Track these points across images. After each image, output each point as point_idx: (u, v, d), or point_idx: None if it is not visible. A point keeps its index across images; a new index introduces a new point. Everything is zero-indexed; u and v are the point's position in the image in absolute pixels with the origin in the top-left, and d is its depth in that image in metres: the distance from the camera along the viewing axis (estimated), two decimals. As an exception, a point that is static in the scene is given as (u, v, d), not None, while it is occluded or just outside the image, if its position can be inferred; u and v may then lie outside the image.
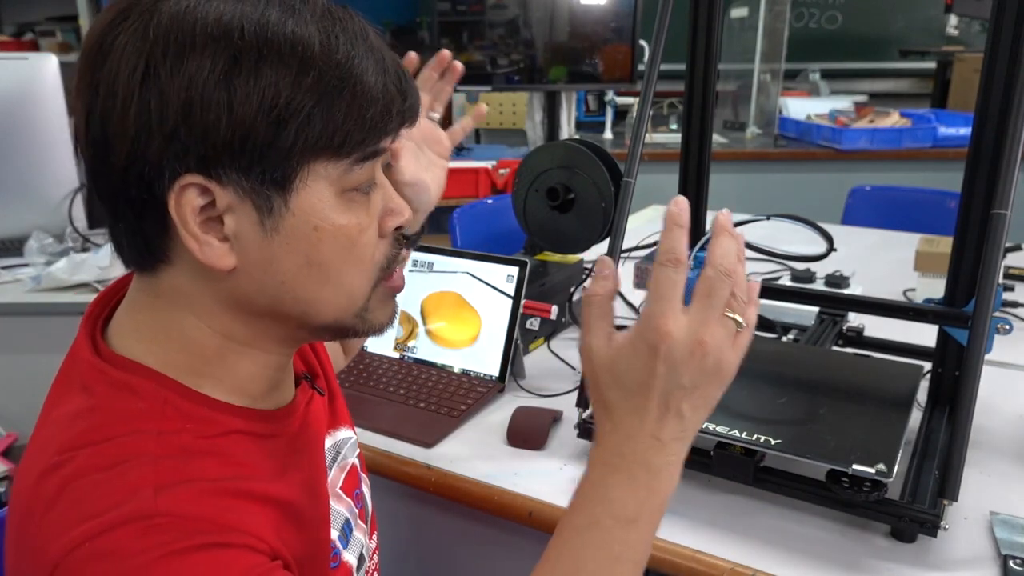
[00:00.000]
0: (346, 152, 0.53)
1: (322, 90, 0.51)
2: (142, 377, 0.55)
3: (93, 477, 0.49)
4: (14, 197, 1.88)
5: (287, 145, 0.50)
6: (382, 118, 0.54)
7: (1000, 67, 0.88)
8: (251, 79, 0.49)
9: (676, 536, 0.83)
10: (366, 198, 0.57)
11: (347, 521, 0.69)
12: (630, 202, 1.01)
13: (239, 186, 0.51)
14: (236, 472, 0.55)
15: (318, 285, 0.55)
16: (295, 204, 0.53)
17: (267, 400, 0.62)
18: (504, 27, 2.84)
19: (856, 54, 4.37)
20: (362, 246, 0.56)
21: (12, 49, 3.65)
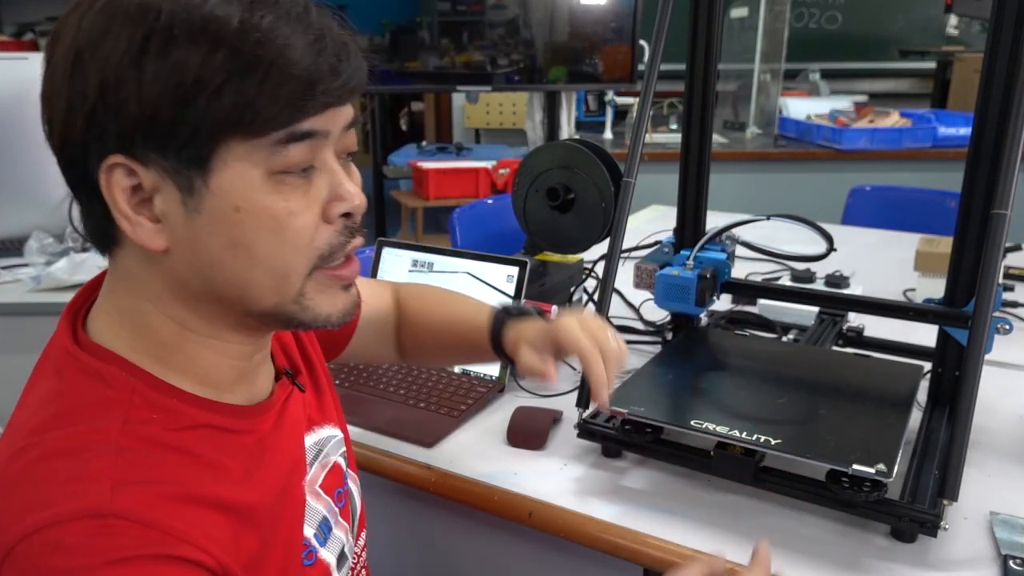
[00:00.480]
0: (262, 131, 0.51)
1: (232, 67, 0.49)
2: (112, 365, 0.56)
3: (54, 462, 0.50)
4: (14, 197, 1.88)
5: (195, 123, 0.50)
6: (301, 96, 0.51)
7: (1000, 67, 0.88)
8: (160, 58, 0.49)
9: (676, 536, 0.83)
10: (303, 181, 0.55)
11: (325, 519, 0.69)
12: (630, 202, 1.01)
13: (160, 166, 0.51)
14: (199, 473, 0.55)
15: (246, 267, 0.55)
16: (215, 184, 0.52)
17: (236, 393, 0.62)
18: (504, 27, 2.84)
19: (856, 54, 4.37)
20: (294, 230, 0.54)
21: (12, 49, 3.65)
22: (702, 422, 0.89)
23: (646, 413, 0.92)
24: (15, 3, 3.93)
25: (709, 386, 1.02)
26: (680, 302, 1.10)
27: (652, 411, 0.92)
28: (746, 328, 1.35)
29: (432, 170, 3.15)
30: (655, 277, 1.12)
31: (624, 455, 0.99)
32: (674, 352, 1.14)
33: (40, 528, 0.47)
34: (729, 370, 1.09)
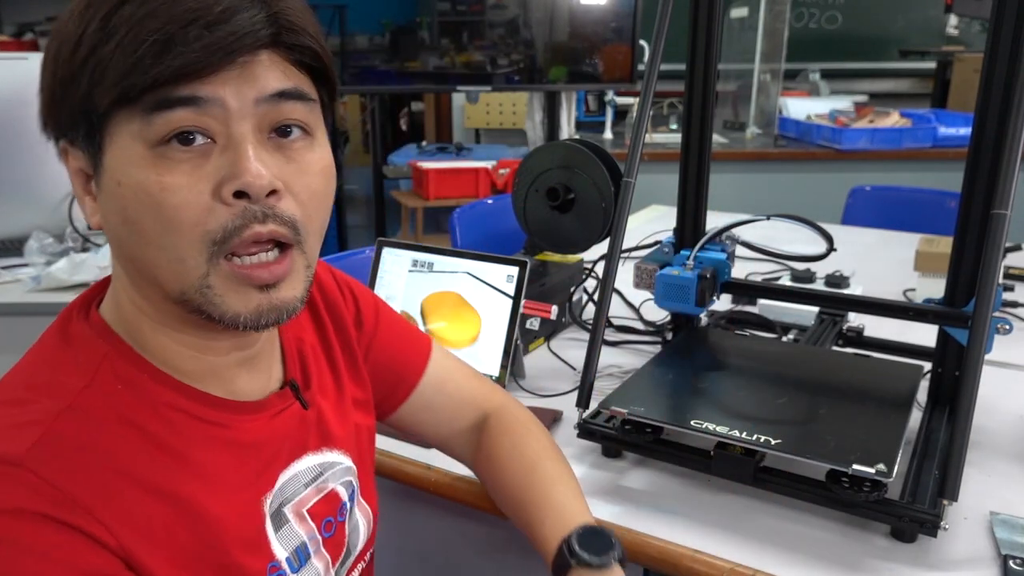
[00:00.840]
0: (131, 99, 0.50)
1: (98, 37, 0.50)
2: (95, 332, 0.58)
3: (3, 408, 0.53)
4: (14, 197, 1.88)
5: (76, 98, 0.51)
6: (158, 55, 0.49)
7: (1000, 67, 0.88)
8: (52, 48, 0.52)
9: (676, 536, 0.83)
10: (193, 156, 0.52)
11: (304, 545, 0.66)
12: (630, 202, 1.01)
13: (77, 147, 0.54)
14: (147, 454, 0.55)
15: (140, 246, 0.53)
16: (106, 160, 0.53)
17: (215, 383, 0.61)
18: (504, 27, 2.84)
19: (856, 54, 4.37)
20: (171, 207, 0.51)
21: (12, 49, 3.64)
22: (702, 422, 0.89)
23: (646, 413, 0.92)
24: (15, 3, 3.93)
25: (709, 386, 1.02)
26: (680, 302, 1.10)
27: (652, 411, 0.92)
28: (746, 328, 1.35)
29: (432, 170, 3.15)
30: (655, 277, 1.12)
31: (624, 455, 0.99)
32: (674, 352, 1.14)
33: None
34: (729, 370, 1.09)
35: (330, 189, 0.59)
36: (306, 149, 0.56)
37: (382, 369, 0.82)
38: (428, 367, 0.85)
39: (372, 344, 0.81)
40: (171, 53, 0.49)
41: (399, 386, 0.84)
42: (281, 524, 0.64)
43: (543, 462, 0.81)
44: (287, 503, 0.65)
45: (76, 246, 1.81)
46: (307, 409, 0.69)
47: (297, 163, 0.56)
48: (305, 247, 0.57)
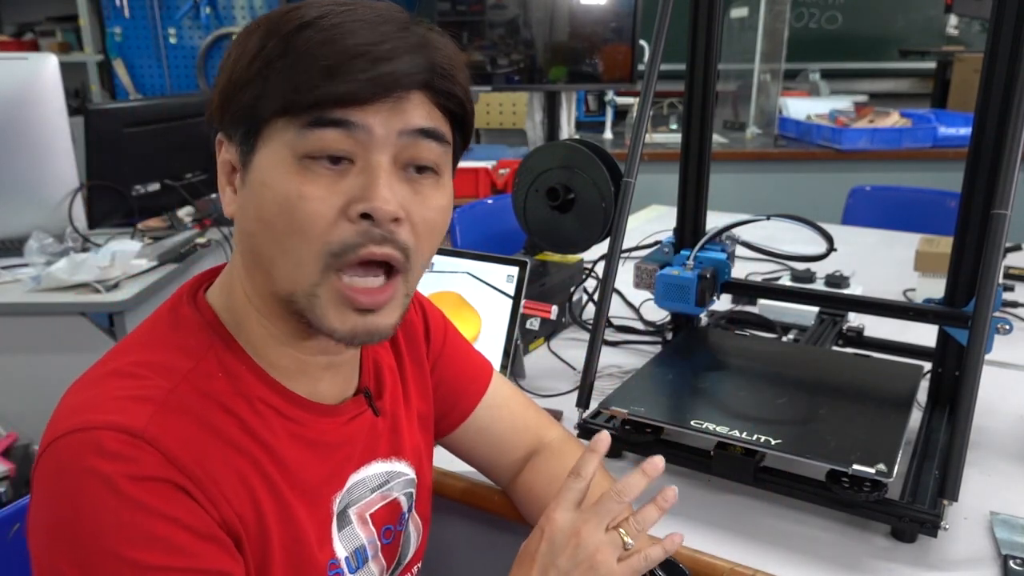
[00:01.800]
0: (295, 111, 0.55)
1: (277, 53, 0.56)
2: (203, 318, 0.62)
3: (117, 380, 0.57)
4: (14, 197, 1.88)
5: (247, 101, 0.57)
6: (328, 79, 0.54)
7: (1000, 67, 0.88)
8: (234, 50, 0.58)
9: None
10: (332, 173, 0.56)
11: (363, 547, 0.70)
12: (630, 202, 1.01)
13: (233, 142, 0.60)
14: (240, 435, 0.59)
15: (267, 243, 0.58)
16: (256, 160, 0.58)
17: (298, 384, 0.65)
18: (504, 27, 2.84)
19: (856, 54, 4.36)
20: (304, 215, 0.56)
21: (12, 49, 3.65)
22: (702, 422, 0.89)
23: (646, 413, 0.92)
24: (15, 3, 3.93)
25: (709, 386, 1.02)
26: (680, 302, 1.10)
27: (652, 411, 0.92)
28: (746, 328, 1.35)
29: (432, 170, 3.13)
30: (655, 277, 1.12)
31: (624, 455, 0.99)
32: (674, 352, 1.14)
33: (84, 428, 0.53)
34: (729, 370, 1.09)
35: (445, 228, 0.64)
36: (432, 187, 0.61)
37: (445, 387, 0.83)
38: (488, 391, 0.86)
39: (439, 360, 0.83)
40: (336, 80, 0.55)
41: (457, 406, 0.85)
42: (344, 524, 0.68)
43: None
44: (352, 505, 0.69)
45: (76, 246, 1.81)
46: (378, 417, 0.72)
47: (422, 197, 0.60)
48: (409, 276, 0.61)
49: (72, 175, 1.91)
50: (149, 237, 1.98)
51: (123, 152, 1.92)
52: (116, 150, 1.90)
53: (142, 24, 3.66)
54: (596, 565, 0.62)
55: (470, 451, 0.87)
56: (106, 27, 3.65)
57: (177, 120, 2.07)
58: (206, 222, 2.13)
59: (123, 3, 3.61)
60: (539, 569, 0.63)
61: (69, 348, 1.66)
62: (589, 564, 0.62)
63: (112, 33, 3.65)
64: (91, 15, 3.64)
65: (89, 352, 1.66)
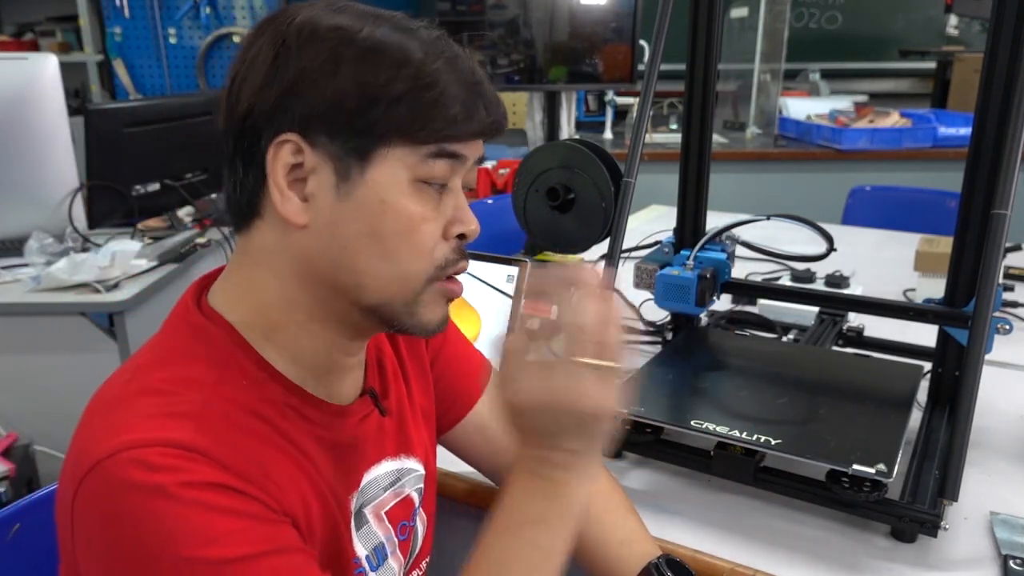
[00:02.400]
0: (423, 140, 0.59)
1: (413, 83, 0.58)
2: (220, 328, 0.62)
3: (149, 398, 0.56)
4: (14, 197, 1.88)
5: (374, 120, 0.58)
6: (463, 119, 0.59)
7: (1000, 67, 0.88)
8: (357, 64, 0.58)
9: (676, 536, 0.83)
10: (437, 197, 0.61)
11: (381, 545, 0.71)
12: (630, 202, 1.01)
13: (326, 150, 0.58)
14: (274, 439, 0.60)
15: (376, 258, 0.60)
16: (370, 176, 0.59)
17: (320, 386, 0.66)
18: (504, 27, 2.83)
19: (856, 54, 4.36)
20: (422, 234, 0.61)
21: (12, 49, 3.65)
22: (702, 422, 0.89)
23: (646, 413, 0.92)
24: (15, 3, 3.93)
25: (709, 386, 1.02)
26: (680, 302, 1.10)
27: (652, 411, 0.92)
28: (746, 328, 1.35)
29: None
30: (655, 277, 1.12)
31: (624, 455, 0.99)
32: (674, 352, 1.14)
33: (127, 447, 0.52)
34: (729, 370, 1.09)
35: None
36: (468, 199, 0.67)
37: (444, 383, 0.84)
38: (487, 389, 0.86)
39: (439, 355, 0.84)
40: (469, 123, 0.60)
41: (457, 403, 0.85)
42: (362, 524, 0.69)
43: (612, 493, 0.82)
44: (367, 504, 0.70)
45: (76, 246, 1.81)
46: (385, 415, 0.73)
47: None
48: None
49: (72, 175, 1.91)
50: (149, 237, 1.98)
51: (123, 152, 1.92)
52: (116, 150, 1.90)
53: (142, 24, 3.66)
54: (582, 405, 0.57)
55: (469, 449, 0.87)
56: (106, 27, 3.65)
57: (177, 120, 2.07)
58: (206, 222, 2.13)
59: (123, 3, 3.61)
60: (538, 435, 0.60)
61: (69, 348, 1.66)
62: (574, 409, 0.58)
63: (112, 33, 3.65)
64: (91, 15, 3.64)
65: (89, 352, 1.66)
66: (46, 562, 0.85)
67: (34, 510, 0.84)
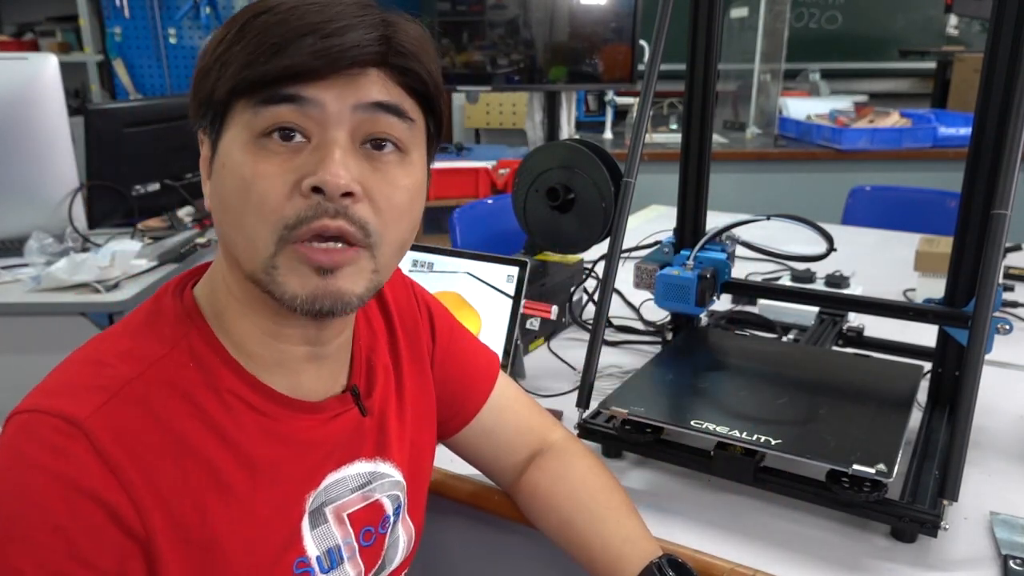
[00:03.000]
0: (249, 91, 0.55)
1: (233, 38, 0.56)
2: (183, 309, 0.62)
3: (83, 367, 0.58)
4: (14, 197, 1.88)
5: (209, 88, 0.57)
6: (277, 52, 0.54)
7: (1000, 67, 0.88)
8: (205, 42, 0.59)
9: (676, 536, 0.83)
10: (286, 150, 0.56)
11: (337, 548, 0.67)
12: (630, 202, 1.01)
13: (205, 132, 0.60)
14: (200, 432, 0.58)
15: (227, 224, 0.58)
16: (220, 145, 0.58)
17: (276, 377, 0.64)
18: (504, 27, 2.84)
19: (856, 54, 4.37)
20: (257, 192, 0.56)
21: (12, 49, 3.65)
22: (702, 422, 0.89)
23: (646, 413, 0.92)
24: (15, 3, 3.93)
25: (709, 386, 1.02)
26: (680, 302, 1.10)
27: (652, 411, 0.92)
28: (746, 328, 1.35)
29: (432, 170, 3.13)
30: (655, 277, 1.12)
31: (624, 455, 0.99)
32: (674, 352, 1.14)
33: (29, 409, 0.54)
34: (729, 370, 1.09)
35: (415, 207, 0.62)
36: (396, 164, 0.60)
37: (449, 387, 0.82)
38: (493, 393, 0.85)
39: (445, 359, 0.82)
40: (283, 56, 0.54)
41: (463, 409, 0.84)
42: (318, 523, 0.66)
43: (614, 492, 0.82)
44: (329, 503, 0.67)
45: (76, 246, 1.81)
46: (365, 416, 0.70)
47: (383, 174, 0.59)
48: (375, 252, 0.59)
49: (72, 175, 1.91)
50: (149, 237, 1.98)
51: (123, 152, 1.92)
52: (116, 150, 1.91)
53: (142, 24, 3.66)
54: None
55: (473, 452, 0.87)
56: (106, 27, 3.65)
57: (177, 120, 2.07)
58: (206, 222, 2.13)
59: (123, 3, 3.61)
60: None
61: (69, 348, 1.65)
62: None
63: (112, 33, 3.65)
64: (91, 15, 3.64)
65: (89, 352, 1.66)
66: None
67: None
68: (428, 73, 0.60)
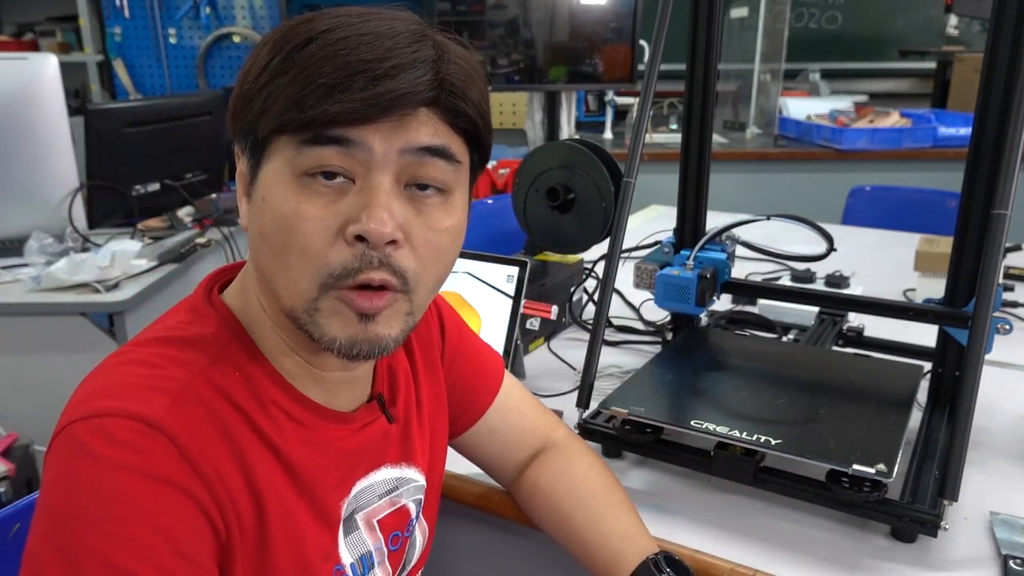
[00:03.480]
0: (296, 128, 0.54)
1: (279, 69, 0.55)
2: (221, 316, 0.62)
3: (136, 368, 0.57)
4: (14, 197, 1.88)
5: (253, 116, 0.56)
6: (321, 98, 0.53)
7: (1000, 67, 0.88)
8: (247, 62, 0.57)
9: (676, 536, 0.83)
10: (332, 192, 0.55)
11: (369, 554, 0.69)
12: (630, 202, 1.01)
13: (244, 155, 0.59)
14: (248, 436, 0.59)
15: (269, 259, 0.58)
16: (261, 174, 0.57)
17: (315, 390, 0.64)
18: (504, 27, 2.83)
19: (856, 54, 4.36)
20: (300, 234, 0.55)
21: (12, 49, 3.64)
22: (702, 422, 0.89)
23: (646, 413, 0.92)
24: (15, 3, 3.93)
25: (709, 386, 1.02)
26: (680, 302, 1.10)
27: (652, 411, 0.92)
28: (746, 328, 1.35)
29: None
30: (655, 277, 1.12)
31: (624, 455, 0.99)
32: (674, 352, 1.14)
33: (99, 414, 0.53)
34: (729, 370, 1.09)
35: (454, 248, 0.62)
36: (438, 207, 0.59)
37: (458, 388, 0.83)
38: (499, 394, 0.86)
39: (454, 361, 0.83)
40: (332, 98, 0.53)
41: (470, 409, 0.84)
42: (351, 530, 0.67)
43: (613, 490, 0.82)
44: (359, 511, 0.68)
45: (76, 246, 1.81)
46: (392, 423, 0.71)
47: (426, 217, 0.58)
48: (412, 296, 0.59)
49: (72, 175, 1.91)
50: (149, 237, 1.98)
51: (123, 152, 1.92)
52: (116, 150, 1.91)
53: (142, 24, 3.66)
54: None
55: (477, 451, 0.87)
56: (106, 27, 3.65)
57: (177, 120, 2.07)
58: (206, 222, 2.13)
59: (123, 3, 3.61)
60: None
61: (69, 348, 1.66)
62: None
63: (112, 33, 3.65)
64: (91, 15, 3.64)
65: (89, 352, 1.66)
66: (46, 562, 0.85)
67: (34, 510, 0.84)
68: (478, 112, 0.59)
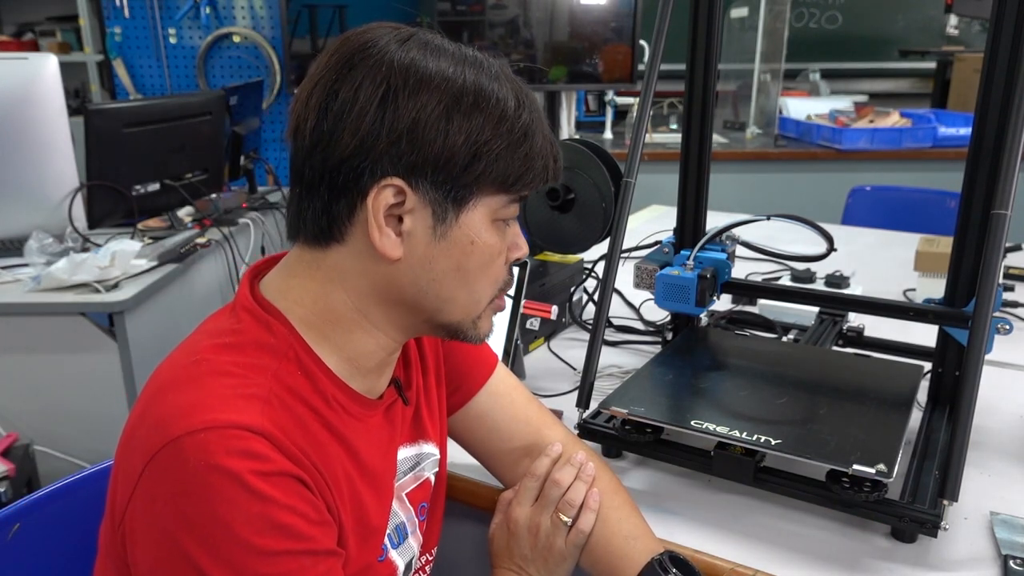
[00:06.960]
0: (512, 190, 0.67)
1: (511, 140, 0.65)
2: (278, 322, 0.67)
3: (223, 379, 0.61)
4: (14, 197, 1.88)
5: (476, 174, 0.64)
6: (542, 170, 0.68)
7: (1000, 67, 0.88)
8: (465, 119, 0.63)
9: (676, 536, 0.83)
10: (505, 230, 0.70)
11: (403, 525, 0.77)
12: (630, 202, 1.01)
13: (427, 195, 0.64)
14: (323, 429, 0.65)
15: (459, 287, 0.68)
16: (463, 219, 0.66)
17: (362, 381, 0.71)
18: (504, 27, 2.84)
19: (856, 54, 4.37)
20: (496, 265, 0.69)
21: (12, 49, 3.64)
22: (702, 422, 0.89)
23: (646, 413, 0.92)
24: (15, 3, 3.93)
25: (709, 386, 1.02)
26: (680, 302, 1.10)
27: (652, 411, 0.92)
28: (746, 328, 1.35)
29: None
30: (655, 277, 1.12)
31: (624, 455, 0.99)
32: (674, 352, 1.14)
33: (208, 427, 0.57)
34: (729, 370, 1.09)
35: None
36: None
37: (451, 368, 0.87)
38: (491, 379, 0.89)
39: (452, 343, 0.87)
40: (547, 175, 0.69)
41: (460, 389, 0.88)
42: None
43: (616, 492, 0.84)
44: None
45: (76, 246, 1.81)
46: (407, 405, 0.78)
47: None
48: None
49: (72, 175, 1.91)
50: (149, 237, 1.98)
51: (123, 152, 1.92)
52: (116, 150, 1.91)
53: (142, 24, 3.65)
54: (551, 547, 0.79)
55: (468, 436, 0.89)
56: (106, 27, 3.65)
57: (177, 120, 2.07)
58: (206, 222, 2.13)
59: (123, 3, 3.61)
60: (516, 561, 0.80)
61: (69, 348, 1.66)
62: (546, 548, 0.79)
63: (112, 33, 3.64)
64: (91, 15, 3.64)
65: (89, 352, 1.66)
66: (46, 562, 0.85)
67: (34, 510, 0.84)
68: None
